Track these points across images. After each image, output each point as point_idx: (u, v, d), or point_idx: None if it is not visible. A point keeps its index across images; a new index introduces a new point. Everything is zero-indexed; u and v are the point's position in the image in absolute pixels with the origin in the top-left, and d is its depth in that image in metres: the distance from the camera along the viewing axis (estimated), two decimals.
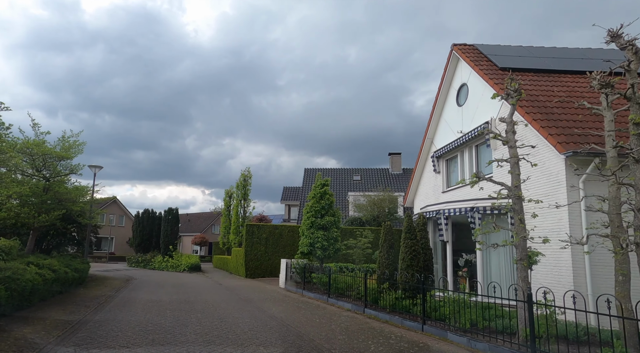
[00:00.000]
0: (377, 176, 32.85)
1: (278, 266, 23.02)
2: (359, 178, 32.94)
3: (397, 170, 32.78)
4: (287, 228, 23.79)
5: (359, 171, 34.10)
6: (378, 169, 33.79)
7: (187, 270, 28.33)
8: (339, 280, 13.31)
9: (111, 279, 20.39)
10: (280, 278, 18.54)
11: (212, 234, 58.70)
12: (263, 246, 23.32)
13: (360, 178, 32.94)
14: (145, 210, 34.22)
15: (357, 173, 33.73)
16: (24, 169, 16.14)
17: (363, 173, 33.74)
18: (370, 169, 34.07)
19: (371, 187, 31.09)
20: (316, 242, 15.83)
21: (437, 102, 15.91)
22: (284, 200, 36.41)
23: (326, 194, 16.60)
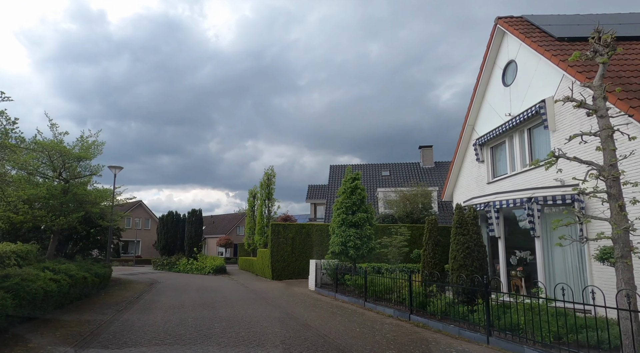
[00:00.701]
0: (407, 170, 31.30)
1: (306, 268, 21.90)
2: (388, 174, 31.48)
3: (428, 164, 31.14)
4: (314, 227, 22.63)
5: (387, 166, 32.63)
6: (408, 163, 32.23)
7: (212, 272, 27.55)
8: (377, 282, 12.02)
9: (135, 283, 19.69)
10: (310, 280, 17.39)
11: (237, 235, 58.22)
12: (289, 246, 22.23)
13: (389, 174, 31.48)
14: (169, 212, 33.74)
15: (386, 168, 32.27)
16: (45, 172, 15.54)
17: (392, 168, 32.25)
18: (399, 164, 32.56)
19: (401, 182, 29.61)
20: (348, 241, 14.59)
21: (478, 85, 14.42)
22: (310, 199, 35.30)
23: (357, 189, 15.34)
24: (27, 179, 14.71)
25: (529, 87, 11.68)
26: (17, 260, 10.99)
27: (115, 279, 21.70)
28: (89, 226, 19.09)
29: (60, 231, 15.62)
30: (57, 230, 15.41)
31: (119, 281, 20.44)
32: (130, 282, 20.01)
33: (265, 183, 31.86)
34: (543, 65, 10.93)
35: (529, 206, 10.15)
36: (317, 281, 16.63)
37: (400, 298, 10.74)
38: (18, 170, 14.85)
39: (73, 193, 14.54)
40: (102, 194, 17.57)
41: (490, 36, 13.52)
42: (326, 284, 16.57)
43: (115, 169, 18.43)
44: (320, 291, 15.73)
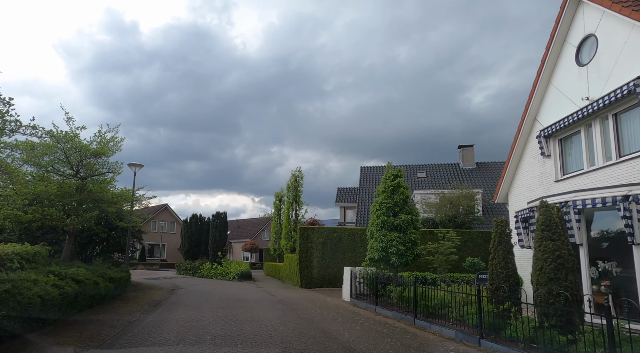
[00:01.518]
0: (445, 172, 29.17)
1: (338, 275, 20.16)
2: (425, 175, 29.45)
3: (469, 165, 28.91)
4: (346, 231, 20.90)
5: (423, 167, 30.59)
6: (446, 164, 30.08)
7: (236, 278, 26.17)
8: (429, 295, 10.17)
9: (155, 289, 18.44)
10: (344, 289, 15.65)
11: (263, 240, 57.03)
12: (319, 251, 20.57)
13: (425, 175, 29.44)
14: (193, 215, 32.70)
15: (422, 170, 30.24)
16: (61, 169, 14.46)
17: (429, 169, 30.19)
18: (437, 164, 30.45)
19: (439, 184, 27.55)
20: (390, 246, 12.79)
21: (543, 69, 12.44)
22: (339, 202, 33.59)
23: (400, 188, 13.54)
24: (42, 177, 13.68)
25: (615, 63, 9.66)
26: (21, 262, 9.77)
27: (136, 284, 20.59)
28: (109, 228, 18.01)
29: (76, 233, 14.48)
30: (73, 231, 14.27)
31: (139, 286, 19.27)
32: (150, 288, 18.78)
33: (292, 185, 30.38)
34: (637, 35, 8.93)
35: (626, 206, 8.14)
36: (353, 292, 14.88)
37: (459, 316, 8.89)
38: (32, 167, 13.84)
39: (88, 190, 13.34)
40: (122, 195, 16.42)
41: (560, 10, 11.55)
42: (363, 295, 14.78)
43: (135, 167, 17.25)
44: (356, 303, 13.97)
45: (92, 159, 14.83)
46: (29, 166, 13.84)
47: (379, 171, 32.03)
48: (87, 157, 14.42)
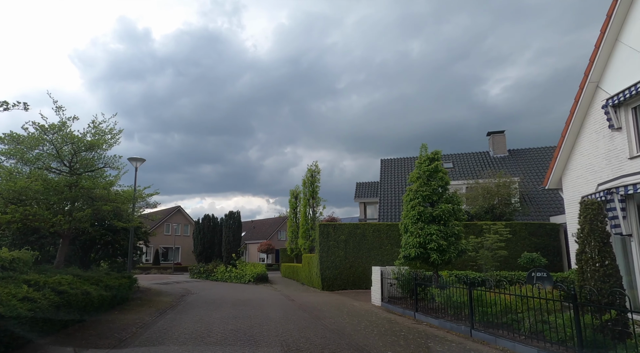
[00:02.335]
0: (474, 161, 26.93)
1: (363, 276, 18.26)
2: (451, 165, 27.26)
3: (500, 152, 26.61)
4: (370, 227, 18.95)
5: (449, 157, 28.39)
6: (475, 153, 27.84)
7: (252, 281, 24.45)
8: (487, 299, 8.18)
9: (163, 295, 16.79)
10: (373, 292, 13.74)
11: (279, 240, 55.42)
12: (342, 250, 18.68)
13: (452, 165, 27.25)
14: (205, 216, 31.07)
15: (448, 160, 28.05)
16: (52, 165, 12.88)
17: (456, 159, 27.99)
18: (464, 154, 28.22)
19: (468, 174, 25.38)
20: (429, 241, 10.85)
21: (609, 23, 10.33)
22: (358, 197, 31.63)
23: (438, 173, 11.58)
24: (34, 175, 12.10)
25: None
26: None
27: (144, 289, 19.02)
28: (110, 230, 16.45)
29: (71, 235, 12.90)
30: (67, 233, 12.68)
31: (147, 292, 17.67)
32: (158, 294, 17.15)
33: (308, 181, 28.55)
34: None
35: None
36: (384, 295, 12.94)
37: (532, 327, 6.91)
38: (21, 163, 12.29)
39: (80, 187, 11.70)
40: (122, 192, 14.82)
41: None
42: (396, 298, 12.84)
43: (137, 162, 15.58)
44: (390, 308, 12.04)
45: (86, 153, 13.23)
46: (17, 163, 12.32)
47: (400, 164, 29.98)
48: (81, 150, 12.80)
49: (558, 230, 17.21)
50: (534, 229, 16.91)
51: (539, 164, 25.07)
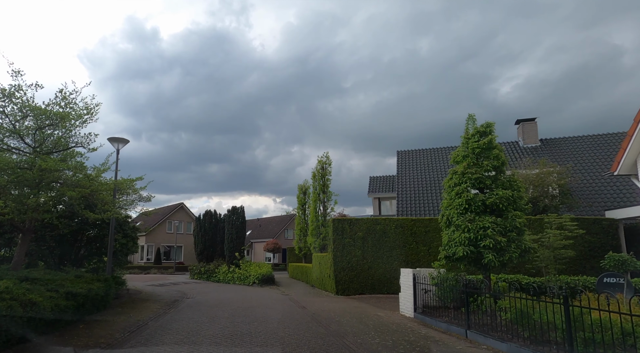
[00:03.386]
0: None
1: (384, 279, 15.81)
2: None
3: (531, 142, 23.87)
4: (392, 222, 16.45)
5: None
6: (502, 143, 25.19)
7: (257, 282, 22.08)
8: (590, 320, 5.65)
9: (152, 300, 14.46)
10: (402, 300, 11.27)
11: (286, 239, 53.09)
12: (358, 249, 16.24)
13: None
14: (206, 212, 28.73)
15: None
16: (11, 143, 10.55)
17: None
18: None
19: None
20: (482, 237, 8.35)
21: None
22: (372, 192, 29.13)
23: (492, 150, 9.09)
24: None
25: None
26: None
27: (134, 292, 16.74)
28: (93, 225, 14.15)
29: (31, 229, 10.57)
30: (27, 227, 10.36)
31: (135, 296, 15.36)
32: (147, 299, 14.83)
33: (318, 173, 26.11)
34: None
35: None
36: (417, 304, 10.45)
37: None
38: None
39: (38, 167, 9.34)
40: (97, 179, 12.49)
41: None
42: (433, 308, 10.33)
43: (118, 143, 13.15)
44: (427, 321, 9.57)
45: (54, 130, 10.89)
46: None
47: (419, 155, 27.44)
48: (45, 125, 10.46)
49: (617, 227, 14.61)
50: (587, 225, 14.32)
51: (576, 154, 22.41)
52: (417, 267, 15.66)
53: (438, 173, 24.87)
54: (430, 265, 15.49)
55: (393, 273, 15.86)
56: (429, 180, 24.38)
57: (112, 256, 14.51)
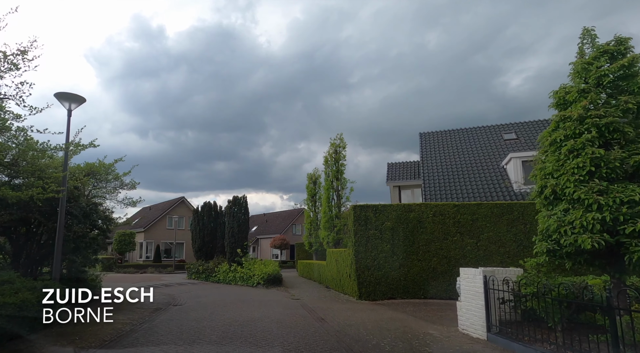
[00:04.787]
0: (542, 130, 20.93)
1: (420, 280, 12.55)
2: (514, 136, 21.29)
3: None
4: (430, 209, 13.13)
5: (511, 126, 22.35)
6: (544, 120, 21.77)
7: (261, 283, 18.89)
8: None
9: (123, 311, 11.30)
10: (462, 311, 7.96)
11: (293, 235, 49.94)
12: (387, 243, 12.98)
13: (515, 136, 21.28)
14: (205, 203, 25.56)
15: (509, 130, 22.07)
16: None
17: (519, 129, 21.96)
18: (530, 122, 22.08)
19: (533, 146, 19.46)
20: (627, 218, 5.02)
21: None
22: (391, 180, 25.75)
23: (636, 77, 5.70)
24: None
25: None
26: None
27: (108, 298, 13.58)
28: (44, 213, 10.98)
29: None
30: None
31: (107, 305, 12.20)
32: (120, 309, 11.62)
33: (331, 158, 22.83)
34: None
35: None
36: (492, 320, 7.14)
37: None
38: None
39: None
40: None
41: None
42: (511, 325, 7.00)
43: (70, 101, 9.80)
44: (514, 348, 6.27)
45: None
46: None
47: (444, 137, 24.08)
48: None
49: None
50: None
51: None
52: (463, 265, 12.37)
53: (467, 155, 21.48)
54: (479, 263, 12.21)
55: (431, 273, 12.60)
56: (458, 163, 21.01)
57: (74, 252, 11.34)
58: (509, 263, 12.00)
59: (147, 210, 52.97)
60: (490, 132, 22.76)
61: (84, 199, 12.32)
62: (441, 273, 12.53)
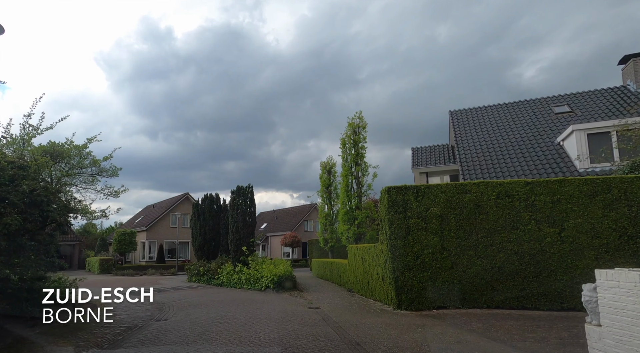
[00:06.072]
0: (604, 101, 17.34)
1: (482, 284, 9.34)
2: (567, 109, 17.93)
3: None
4: (492, 189, 9.87)
5: (563, 98, 18.95)
6: (602, 90, 18.28)
7: (271, 286, 15.84)
8: None
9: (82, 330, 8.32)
10: (600, 340, 4.76)
11: (305, 232, 46.95)
12: (433, 234, 9.83)
13: (569, 108, 17.93)
14: (206, 196, 22.51)
15: (561, 102, 18.68)
16: None
17: (573, 101, 18.56)
18: (586, 92, 18.67)
19: (597, 118, 16.14)
20: None
21: None
22: (418, 166, 22.49)
23: None
24: None
25: None
26: None
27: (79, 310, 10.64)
28: None
29: None
30: None
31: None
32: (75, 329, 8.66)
33: (350, 140, 19.67)
34: None
35: None
36: None
37: None
38: None
39: None
40: None
41: None
42: None
43: None
44: None
45: None
46: None
47: (480, 114, 20.81)
48: None
49: None
50: None
51: None
52: (540, 263, 9.16)
53: (511, 132, 18.16)
54: (564, 260, 9.02)
55: (495, 274, 9.42)
56: (501, 142, 17.72)
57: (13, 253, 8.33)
58: (607, 260, 8.77)
59: (151, 208, 50.35)
60: (536, 106, 19.39)
61: (35, 184, 9.31)
62: (510, 274, 9.33)
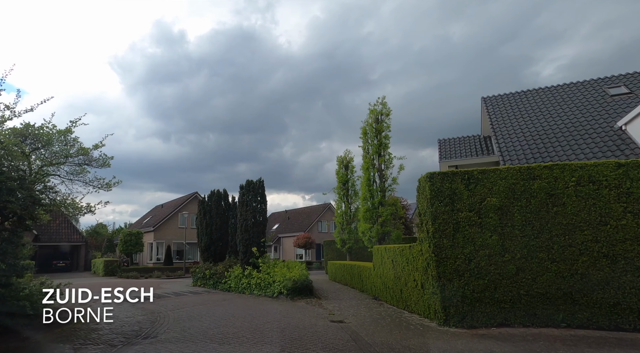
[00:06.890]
0: None
1: (557, 296, 7.06)
2: (625, 90, 15.63)
3: None
4: (570, 173, 7.71)
5: (618, 79, 16.67)
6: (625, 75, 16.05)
7: (284, 292, 13.81)
8: None
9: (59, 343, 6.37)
10: None
11: (319, 233, 44.90)
12: (492, 232, 7.69)
13: (627, 90, 15.61)
14: (213, 192, 20.63)
15: (616, 83, 16.36)
16: None
17: (632, 82, 16.24)
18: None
19: None
20: None
21: None
22: (446, 159, 20.28)
23: None
24: None
25: None
26: None
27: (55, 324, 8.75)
28: None
29: None
30: None
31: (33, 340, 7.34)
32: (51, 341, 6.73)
33: (372, 129, 17.57)
34: None
35: None
36: None
37: None
38: None
39: None
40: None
41: None
42: None
43: None
44: None
45: None
46: None
47: (518, 100, 18.59)
48: None
49: None
50: None
51: None
52: (639, 264, 6.96)
53: (559, 118, 15.87)
54: None
55: (577, 283, 7.25)
56: (547, 129, 15.44)
57: None
58: None
59: (160, 208, 48.86)
60: (586, 88, 17.05)
61: None
62: (598, 283, 7.15)
